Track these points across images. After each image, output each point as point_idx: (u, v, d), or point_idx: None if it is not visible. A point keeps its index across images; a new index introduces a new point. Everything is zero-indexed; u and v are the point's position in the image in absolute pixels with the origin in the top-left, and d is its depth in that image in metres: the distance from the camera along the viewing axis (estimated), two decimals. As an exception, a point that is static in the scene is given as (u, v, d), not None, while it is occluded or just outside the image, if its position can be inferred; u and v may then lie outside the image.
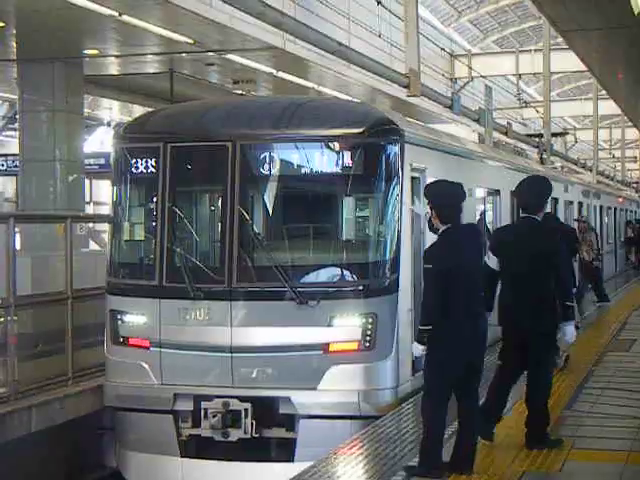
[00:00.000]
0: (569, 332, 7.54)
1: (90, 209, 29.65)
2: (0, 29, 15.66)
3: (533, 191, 7.81)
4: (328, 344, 8.98)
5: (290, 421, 9.04)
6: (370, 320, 9.00)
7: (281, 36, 16.38)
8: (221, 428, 8.96)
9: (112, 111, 28.30)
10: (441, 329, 6.69)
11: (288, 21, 14.01)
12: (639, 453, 7.51)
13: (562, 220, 15.71)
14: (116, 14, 14.61)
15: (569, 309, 7.51)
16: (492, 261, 7.74)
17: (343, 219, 9.48)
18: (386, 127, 9.57)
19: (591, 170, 42.73)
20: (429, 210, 7.05)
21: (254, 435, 8.95)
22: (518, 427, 8.31)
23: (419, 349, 6.83)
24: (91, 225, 23.02)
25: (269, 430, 9.09)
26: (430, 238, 7.72)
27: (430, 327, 6.72)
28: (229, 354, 9.10)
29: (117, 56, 18.45)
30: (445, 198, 6.93)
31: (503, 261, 7.61)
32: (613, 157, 56.22)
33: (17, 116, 19.40)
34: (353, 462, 7.36)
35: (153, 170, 9.59)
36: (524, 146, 33.94)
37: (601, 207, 27.14)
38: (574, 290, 8.93)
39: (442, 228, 6.88)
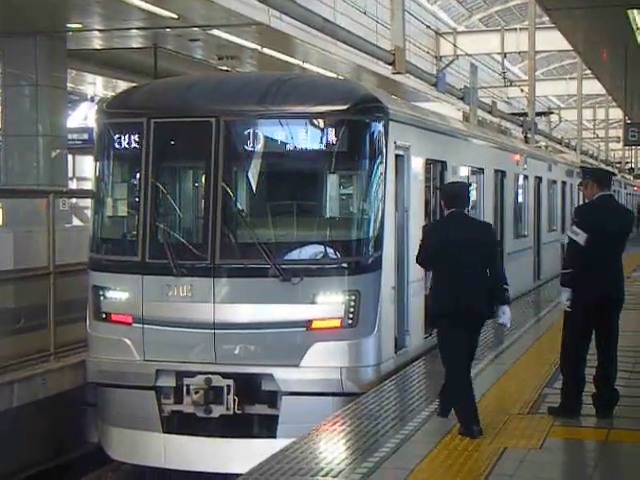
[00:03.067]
0: None
1: (73, 185, 29.51)
2: (-18, 2, 15.52)
3: (607, 172, 8.48)
4: (311, 321, 8.99)
5: (272, 398, 9.05)
6: (353, 297, 9.01)
7: (266, 12, 16.29)
8: (203, 404, 8.97)
9: (96, 86, 28.11)
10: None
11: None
12: (619, 430, 7.57)
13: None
14: (100, -12, 14.51)
15: None
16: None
17: (327, 196, 9.47)
18: (371, 104, 9.54)
19: (575, 149, 42.85)
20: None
21: (236, 411, 8.97)
22: (499, 403, 8.36)
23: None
24: (74, 201, 22.91)
25: (251, 407, 9.10)
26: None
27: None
28: (212, 330, 9.09)
29: (101, 30, 18.31)
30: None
31: (591, 237, 7.85)
32: (597, 137, 56.36)
33: (-1, 90, 19.24)
34: (335, 439, 7.38)
35: (136, 146, 9.54)
36: (509, 125, 33.97)
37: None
38: None
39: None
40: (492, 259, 7.63)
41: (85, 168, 30.63)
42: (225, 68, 20.73)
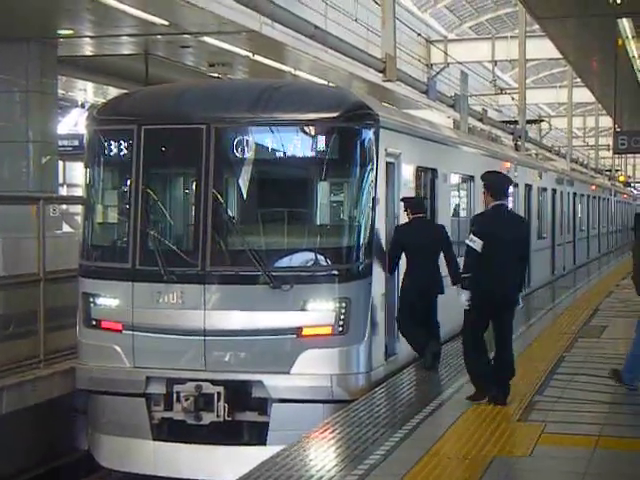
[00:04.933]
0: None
1: (64, 191, 29.46)
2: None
3: (503, 182, 9.05)
4: (301, 328, 8.99)
5: (263, 405, 9.05)
6: (343, 305, 9.01)
7: (257, 19, 16.30)
8: (193, 411, 8.95)
9: (86, 93, 28.08)
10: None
11: (264, 3, 13.96)
12: (608, 437, 7.59)
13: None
14: (91, -6, 14.49)
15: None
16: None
17: (317, 204, 9.49)
18: (361, 112, 9.56)
19: (565, 157, 42.95)
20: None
21: (227, 419, 8.96)
22: (490, 410, 8.38)
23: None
24: (64, 207, 22.87)
25: (242, 414, 9.09)
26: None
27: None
28: (202, 337, 9.08)
29: (92, 37, 18.31)
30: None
31: (487, 243, 8.43)
32: (587, 145, 56.52)
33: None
34: (325, 446, 7.38)
35: (127, 153, 9.54)
36: (499, 132, 34.03)
37: (574, 194, 27.29)
38: None
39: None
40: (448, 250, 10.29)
41: (76, 174, 30.59)
42: (216, 75, 20.73)
